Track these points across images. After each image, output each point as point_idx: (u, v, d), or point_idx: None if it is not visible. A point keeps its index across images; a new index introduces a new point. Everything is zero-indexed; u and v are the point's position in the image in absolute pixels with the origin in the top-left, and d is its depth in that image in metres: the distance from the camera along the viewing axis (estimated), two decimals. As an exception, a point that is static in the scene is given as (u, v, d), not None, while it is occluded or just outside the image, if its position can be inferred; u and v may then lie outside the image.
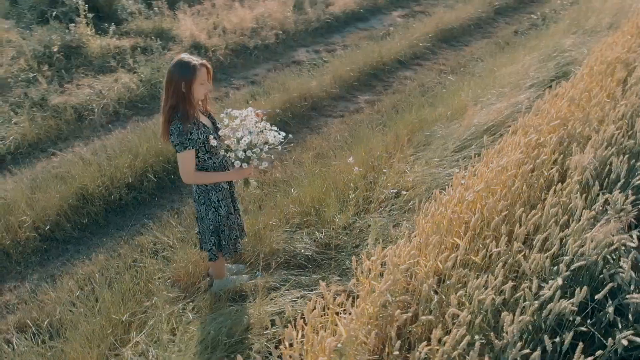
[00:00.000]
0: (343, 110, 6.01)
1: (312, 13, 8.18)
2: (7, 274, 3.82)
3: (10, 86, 6.11)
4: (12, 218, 4.03)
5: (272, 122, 5.37)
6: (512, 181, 3.19)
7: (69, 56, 6.75)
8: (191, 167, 2.91)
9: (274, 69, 6.92)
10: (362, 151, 4.50)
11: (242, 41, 7.30)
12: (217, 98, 6.19)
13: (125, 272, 3.60)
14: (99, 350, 2.95)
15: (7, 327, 3.28)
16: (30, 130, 5.37)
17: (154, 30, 7.32)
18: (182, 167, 2.91)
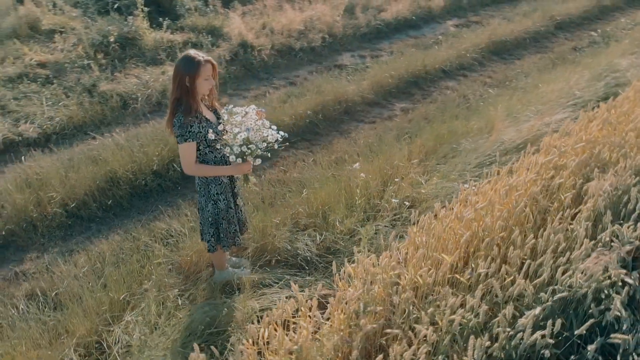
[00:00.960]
0: (376, 116, 5.96)
1: (363, 18, 8.17)
2: (31, 245, 4.10)
3: (66, 71, 6.55)
4: (42, 193, 4.32)
5: (302, 123, 5.48)
6: (517, 202, 3.05)
7: (124, 47, 7.13)
8: (191, 159, 3.00)
9: (316, 71, 6.97)
10: (381, 159, 4.45)
11: (288, 42, 7.42)
12: (255, 96, 6.33)
13: (135, 254, 3.77)
14: (93, 324, 3.10)
15: (19, 293, 3.52)
16: (77, 114, 5.74)
17: (206, 27, 7.59)
18: (182, 158, 3.01)
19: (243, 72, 6.89)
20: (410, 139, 5.10)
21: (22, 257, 3.98)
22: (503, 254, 2.79)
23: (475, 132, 4.92)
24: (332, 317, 2.50)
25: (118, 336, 3.00)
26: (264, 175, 4.79)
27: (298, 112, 5.70)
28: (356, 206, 3.77)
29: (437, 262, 2.80)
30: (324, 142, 5.40)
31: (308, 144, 5.43)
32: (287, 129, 5.54)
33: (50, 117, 5.64)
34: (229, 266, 3.67)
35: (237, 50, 7.10)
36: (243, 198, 3.51)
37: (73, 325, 3.08)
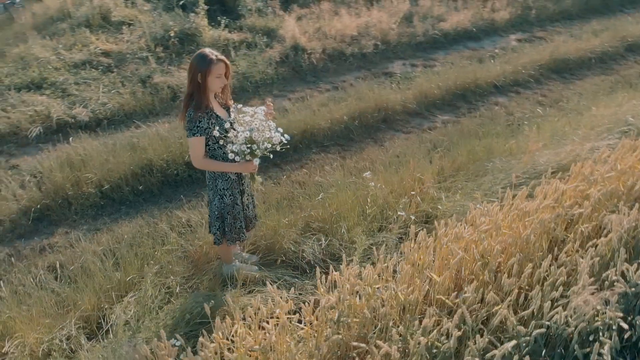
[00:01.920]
0: (414, 127, 5.84)
1: (420, 27, 8.03)
2: (64, 220, 4.39)
3: (127, 61, 6.95)
4: (80, 173, 4.62)
5: (337, 128, 5.46)
6: (526, 227, 2.88)
7: (183, 42, 7.46)
8: (198, 153, 3.10)
9: (363, 77, 6.94)
10: (405, 170, 4.36)
11: (340, 47, 7.44)
12: (299, 99, 6.40)
13: (151, 239, 3.94)
14: (98, 301, 3.28)
15: (42, 264, 3.79)
16: (129, 102, 6.08)
17: (263, 28, 7.78)
18: (191, 152, 3.11)
19: (291, 74, 6.99)
20: (442, 153, 4.95)
21: (53, 230, 4.27)
22: (498, 280, 2.65)
23: (514, 151, 4.69)
24: (307, 323, 2.49)
25: (116, 315, 3.15)
26: (286, 175, 4.84)
27: (335, 116, 5.71)
28: (366, 215, 3.72)
29: (427, 280, 2.71)
30: (355, 148, 5.37)
31: (340, 149, 5.42)
32: (322, 132, 5.57)
33: (103, 103, 6.01)
34: (236, 260, 3.75)
35: (288, 52, 7.22)
36: (252, 196, 3.56)
37: (80, 299, 3.27)
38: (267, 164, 5.15)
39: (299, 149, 5.35)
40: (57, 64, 6.88)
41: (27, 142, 5.41)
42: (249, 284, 3.54)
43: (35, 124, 5.57)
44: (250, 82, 6.64)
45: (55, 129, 5.55)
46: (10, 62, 6.90)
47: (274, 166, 5.11)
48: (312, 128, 5.52)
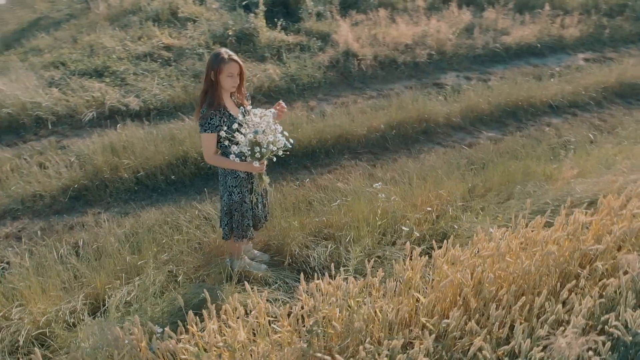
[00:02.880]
0: (455, 142, 5.66)
1: (480, 39, 7.76)
2: (99, 201, 4.66)
3: (185, 56, 7.26)
4: (119, 159, 4.88)
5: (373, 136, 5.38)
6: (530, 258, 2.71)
7: (240, 41, 7.68)
8: (209, 149, 3.19)
9: (412, 87, 6.82)
10: (429, 185, 4.23)
11: (392, 55, 7.35)
12: (342, 104, 6.39)
13: (171, 228, 4.09)
14: (107, 281, 3.45)
15: (70, 240, 4.04)
16: (179, 95, 6.34)
17: (318, 32, 7.84)
18: (203, 148, 3.21)
19: (339, 79, 7.00)
20: (476, 171, 4.76)
21: (86, 210, 4.55)
22: (488, 309, 2.51)
23: (552, 176, 4.42)
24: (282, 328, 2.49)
25: (120, 296, 3.30)
26: (311, 178, 4.85)
27: (373, 124, 5.65)
28: (377, 227, 3.65)
29: (413, 301, 2.63)
30: (388, 158, 5.28)
31: (372, 157, 5.35)
32: (357, 139, 5.54)
33: (155, 94, 6.31)
34: (245, 257, 3.81)
35: (338, 57, 7.23)
36: (263, 195, 3.60)
37: (92, 277, 3.46)
38: (297, 165, 5.20)
39: (331, 154, 5.34)
40: (121, 54, 7.32)
41: (80, 125, 5.79)
42: (252, 281, 3.59)
43: (90, 108, 5.95)
44: (297, 84, 6.72)
45: (107, 115, 5.90)
46: (79, 49, 7.42)
47: (303, 168, 5.14)
48: (347, 134, 5.50)
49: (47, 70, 6.80)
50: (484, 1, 8.85)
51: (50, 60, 7.18)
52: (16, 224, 4.33)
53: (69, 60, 7.09)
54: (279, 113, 3.35)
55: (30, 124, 5.73)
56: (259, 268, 3.77)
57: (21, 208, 4.49)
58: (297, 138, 5.29)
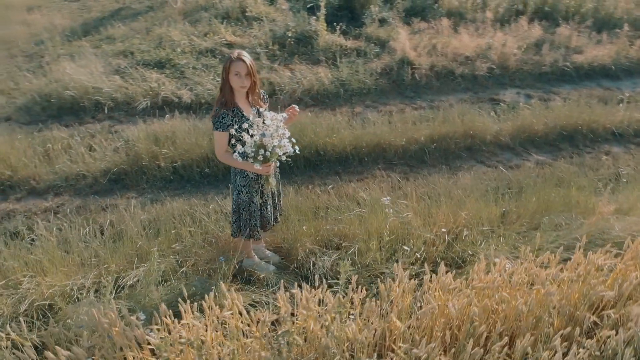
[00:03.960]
0: (500, 162, 5.36)
1: (549, 57, 7.29)
2: (135, 186, 4.90)
3: (243, 54, 7.45)
4: (158, 148, 5.11)
5: (412, 148, 5.22)
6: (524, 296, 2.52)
7: (299, 43, 7.76)
8: (220, 147, 3.26)
9: (466, 100, 6.55)
10: (449, 206, 4.05)
11: (450, 66, 7.10)
12: (388, 112, 6.27)
13: (192, 219, 4.22)
14: (120, 262, 3.63)
15: (100, 220, 4.28)
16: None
17: (377, 38, 7.76)
18: (215, 145, 3.29)
19: (391, 86, 6.88)
20: (512, 196, 4.49)
21: (122, 193, 4.80)
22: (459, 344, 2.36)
23: (593, 210, 4.08)
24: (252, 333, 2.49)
25: (127, 279, 3.45)
26: (338, 185, 4.80)
27: (413, 135, 5.50)
28: (384, 243, 3.55)
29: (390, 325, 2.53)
30: (424, 172, 5.11)
31: (408, 169, 5.21)
32: (394, 149, 5.41)
33: (208, 89, 6.53)
34: (255, 256, 3.85)
35: (392, 64, 7.10)
36: (274, 197, 3.61)
37: (106, 256, 3.64)
38: (329, 170, 5.17)
39: (365, 163, 5.26)
40: (185, 48, 7.64)
41: (134, 112, 6.13)
42: (255, 281, 3.63)
43: (145, 97, 6.28)
44: (346, 89, 6.68)
45: (160, 105, 6.19)
46: (149, 40, 7.85)
47: (334, 174, 5.11)
48: (384, 143, 5.39)
49: (115, 59, 7.25)
50: (559, 17, 8.31)
51: (121, 49, 7.65)
52: (57, 199, 4.67)
53: (136, 51, 7.52)
54: (290, 117, 3.35)
55: (90, 108, 6.14)
56: (267, 268, 3.80)
57: (64, 185, 4.82)
58: (332, 143, 5.29)
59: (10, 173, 4.78)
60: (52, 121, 5.91)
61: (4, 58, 7.60)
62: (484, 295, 2.58)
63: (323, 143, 5.25)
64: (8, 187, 4.74)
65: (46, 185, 4.81)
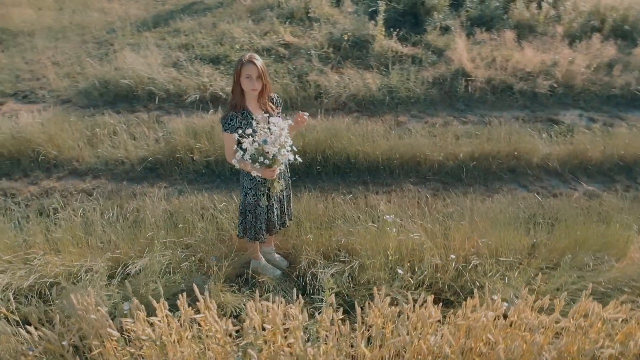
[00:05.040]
0: (543, 188, 4.99)
1: (621, 78, 6.68)
2: (168, 177, 5.07)
3: (298, 55, 7.48)
4: (194, 141, 5.24)
5: (449, 165, 4.98)
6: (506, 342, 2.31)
7: (354, 47, 7.68)
8: (228, 149, 3.29)
9: (521, 118, 6.16)
10: (464, 232, 3.81)
11: (509, 81, 6.71)
12: (433, 124, 6.03)
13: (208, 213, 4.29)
14: (133, 250, 3.76)
15: (124, 206, 4.46)
16: (276, 91, 6.56)
17: (435, 47, 7.50)
18: (224, 146, 3.31)
19: (441, 97, 6.62)
20: (547, 227, 4.16)
21: (155, 182, 4.98)
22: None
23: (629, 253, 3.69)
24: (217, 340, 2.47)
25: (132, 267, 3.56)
26: (362, 196, 4.68)
27: (451, 150, 5.25)
28: (389, 263, 3.40)
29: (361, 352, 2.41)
30: (457, 191, 4.86)
31: (440, 186, 4.98)
32: (429, 164, 5.21)
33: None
34: (262, 258, 3.85)
35: (446, 74, 6.84)
36: (282, 201, 3.59)
37: (117, 243, 3.79)
38: (356, 179, 5.07)
39: (395, 175, 5.10)
40: (244, 46, 7.81)
41: (183, 105, 6.34)
42: (255, 283, 3.62)
43: (195, 92, 6.47)
44: (393, 97, 6.51)
45: (207, 100, 6.35)
46: (211, 36, 8.09)
47: (362, 183, 4.99)
48: (420, 156, 5.20)
49: (175, 51, 7.54)
50: (638, 37, 7.60)
51: (183, 43, 7.95)
52: (94, 182, 4.93)
53: (197, 45, 7.79)
54: (297, 123, 3.31)
55: (143, 97, 6.43)
56: (273, 272, 3.79)
57: (103, 169, 5.08)
58: (364, 151, 5.17)
59: (57, 153, 5.11)
60: (106, 107, 6.25)
61: (77, 43, 8.15)
62: (469, 334, 2.40)
63: (355, 151, 5.15)
64: (53, 165, 5.07)
65: (87, 167, 5.09)
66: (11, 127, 5.23)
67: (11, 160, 5.03)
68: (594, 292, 3.23)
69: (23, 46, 7.87)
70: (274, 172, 3.17)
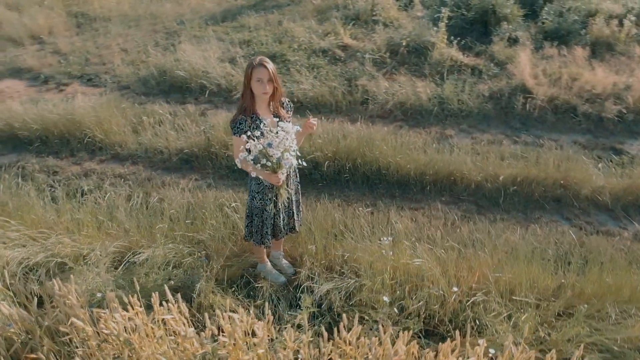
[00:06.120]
0: (589, 224, 4.54)
1: None
2: (201, 170, 5.24)
3: (353, 58, 7.38)
4: (228, 137, 5.31)
5: (488, 187, 4.70)
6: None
7: (412, 53, 7.44)
8: (236, 152, 3.27)
9: (579, 143, 5.66)
10: (485, 264, 3.55)
11: (573, 102, 6.18)
12: (481, 140, 5.70)
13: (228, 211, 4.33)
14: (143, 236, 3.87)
15: (150, 193, 4.61)
16: (323, 94, 6.50)
17: (498, 59, 7.10)
18: (233, 149, 3.31)
19: (496, 113, 6.24)
20: (579, 269, 3.79)
21: (187, 174, 5.13)
22: None
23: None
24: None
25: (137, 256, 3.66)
26: (385, 210, 4.51)
27: (494, 172, 4.92)
28: (386, 285, 3.25)
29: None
30: (492, 216, 4.56)
31: (474, 208, 4.69)
32: (465, 183, 4.94)
33: (304, 88, 6.59)
34: (268, 262, 3.84)
35: (505, 89, 6.44)
36: (290, 207, 3.54)
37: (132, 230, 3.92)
38: (384, 192, 4.91)
39: (427, 192, 4.87)
40: (302, 45, 7.82)
41: (231, 100, 6.47)
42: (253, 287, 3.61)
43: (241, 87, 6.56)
44: (443, 108, 6.23)
45: (254, 97, 6.42)
46: (274, 33, 8.18)
47: (389, 197, 4.83)
48: (456, 174, 4.92)
49: (234, 47, 7.71)
50: None
51: (245, 39, 8.12)
52: (131, 168, 5.15)
53: (257, 42, 7.91)
54: (305, 129, 3.24)
55: (195, 89, 6.64)
56: (277, 279, 3.76)
57: (142, 156, 5.30)
58: (397, 163, 4.99)
59: (103, 137, 5.39)
60: (160, 96, 6.52)
61: (148, 32, 8.57)
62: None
63: (387, 162, 4.98)
64: (98, 148, 5.36)
65: (128, 153, 5.33)
66: (67, 108, 5.58)
67: (61, 140, 5.38)
68: (607, 350, 2.90)
69: (97, 31, 8.40)
70: (279, 179, 3.13)
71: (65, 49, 7.72)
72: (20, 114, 5.42)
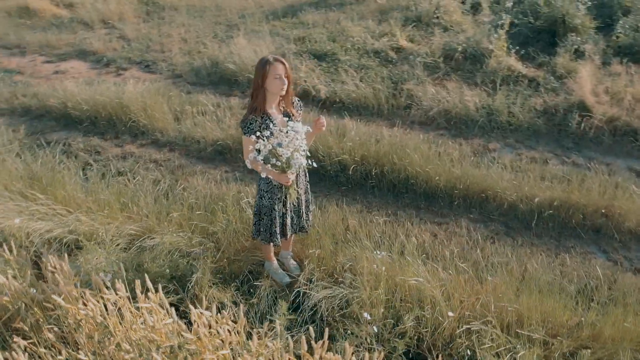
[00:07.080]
0: (627, 259, 4.14)
1: None
2: (232, 162, 5.36)
3: (405, 61, 7.22)
4: (261, 133, 5.36)
5: (522, 208, 4.47)
6: None
7: (467, 59, 7.16)
8: (247, 151, 3.30)
9: (634, 170, 5.18)
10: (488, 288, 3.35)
11: (634, 124, 5.66)
12: (526, 157, 5.37)
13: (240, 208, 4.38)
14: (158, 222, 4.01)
15: (180, 182, 4.76)
16: (366, 95, 6.43)
17: (558, 71, 6.66)
18: (243, 149, 3.34)
19: (548, 129, 5.86)
20: (604, 308, 3.49)
21: (219, 165, 5.27)
22: None
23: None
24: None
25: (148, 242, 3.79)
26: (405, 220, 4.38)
27: (529, 193, 4.63)
28: (380, 300, 3.15)
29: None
30: (522, 240, 4.29)
31: (502, 229, 4.43)
32: (498, 202, 4.71)
33: (348, 89, 6.52)
34: (274, 261, 3.85)
35: (560, 105, 6.03)
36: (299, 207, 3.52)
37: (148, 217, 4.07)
38: (410, 201, 4.78)
39: (454, 207, 4.67)
40: (356, 45, 7.76)
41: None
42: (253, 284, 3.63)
43: (289, 84, 6.60)
44: (490, 119, 5.94)
45: (296, 94, 6.44)
46: (330, 31, 8.17)
47: (414, 207, 4.69)
48: (489, 191, 4.68)
49: (288, 43, 7.78)
50: None
51: (300, 36, 8.17)
52: (168, 154, 5.35)
53: (311, 40, 7.92)
54: (315, 129, 3.21)
55: (242, 83, 6.77)
56: (282, 278, 3.77)
57: (180, 144, 5.49)
58: (426, 173, 4.83)
59: (146, 122, 5.64)
60: (209, 87, 6.72)
61: (211, 23, 8.84)
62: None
63: (416, 172, 4.82)
64: (140, 133, 5.62)
65: (167, 140, 5.54)
66: (117, 92, 5.88)
67: (108, 122, 5.69)
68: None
69: (164, 20, 8.78)
70: (288, 179, 3.12)
71: (131, 35, 8.14)
72: (74, 94, 5.79)
